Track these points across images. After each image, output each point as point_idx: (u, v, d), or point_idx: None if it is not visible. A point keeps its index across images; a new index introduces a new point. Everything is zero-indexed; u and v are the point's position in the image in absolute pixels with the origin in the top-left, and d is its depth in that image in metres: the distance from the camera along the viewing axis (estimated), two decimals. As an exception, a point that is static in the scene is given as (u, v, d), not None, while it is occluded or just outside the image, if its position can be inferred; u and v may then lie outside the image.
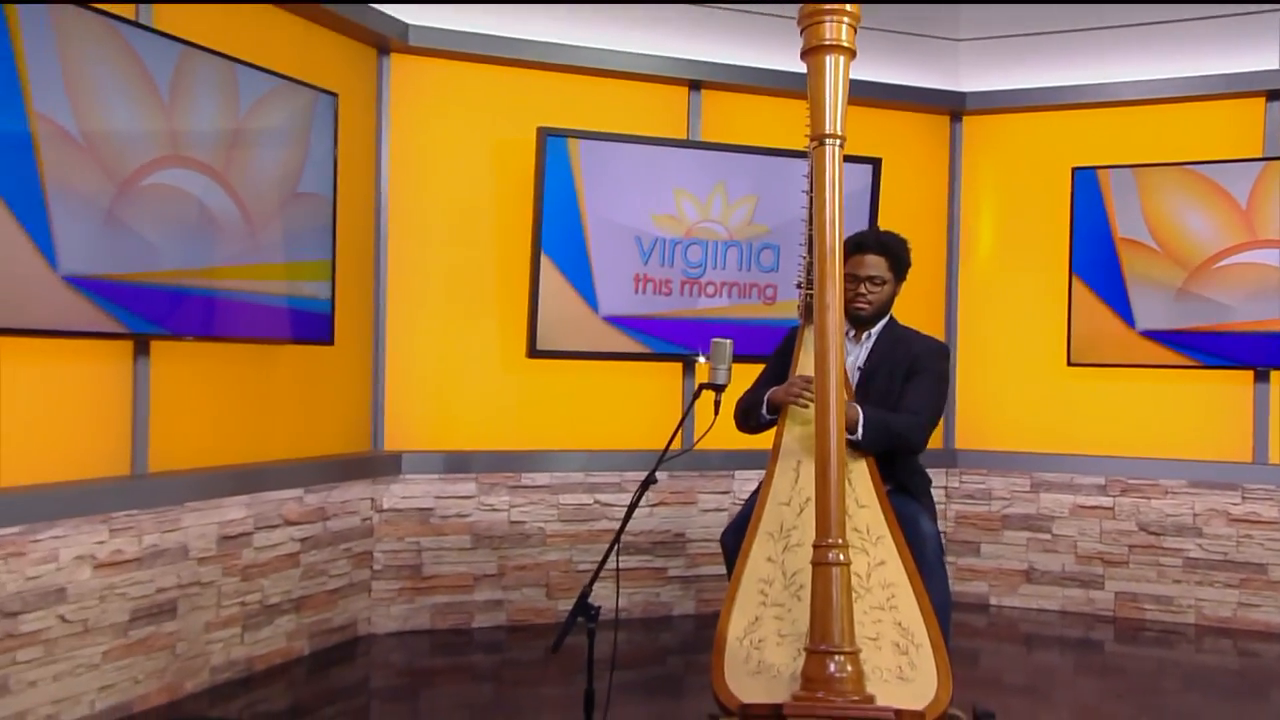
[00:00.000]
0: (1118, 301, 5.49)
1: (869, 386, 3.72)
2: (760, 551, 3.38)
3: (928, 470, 3.88)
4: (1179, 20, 5.49)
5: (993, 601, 5.77)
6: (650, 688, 4.36)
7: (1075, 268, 5.57)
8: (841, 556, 3.04)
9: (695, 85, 5.44)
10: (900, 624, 3.19)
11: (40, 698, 3.52)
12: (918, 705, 3.02)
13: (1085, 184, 5.53)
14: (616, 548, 3.34)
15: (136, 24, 3.76)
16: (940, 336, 5.90)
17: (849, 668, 3.00)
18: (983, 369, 5.94)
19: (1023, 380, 5.86)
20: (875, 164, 5.46)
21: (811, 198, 3.39)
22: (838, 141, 3.16)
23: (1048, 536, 5.68)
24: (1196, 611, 5.40)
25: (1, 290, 3.29)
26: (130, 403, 3.96)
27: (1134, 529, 5.51)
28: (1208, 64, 5.43)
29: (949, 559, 5.80)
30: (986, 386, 5.93)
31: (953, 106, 5.87)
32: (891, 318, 3.84)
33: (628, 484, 5.27)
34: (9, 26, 3.23)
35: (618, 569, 3.58)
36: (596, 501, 5.24)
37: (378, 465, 4.95)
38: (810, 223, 3.45)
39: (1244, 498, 5.34)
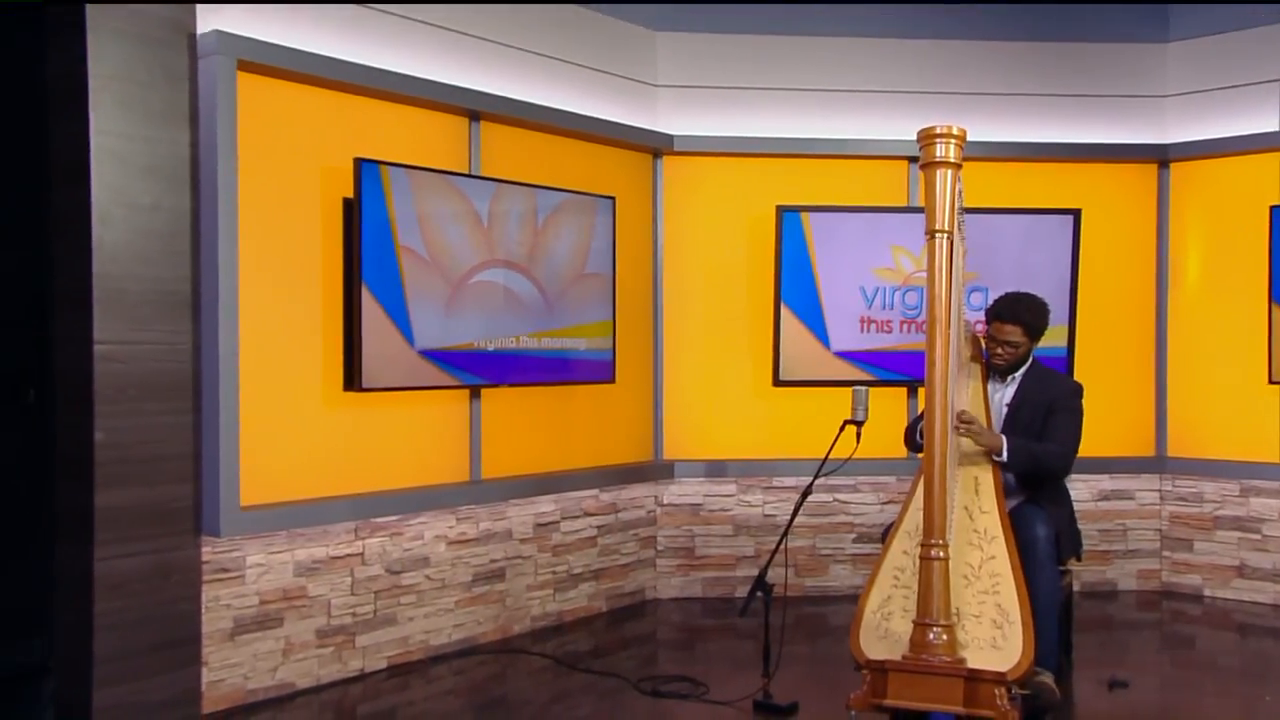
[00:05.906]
0: (1318, 324, 5.42)
1: (1016, 419, 4.18)
2: (898, 546, 3.91)
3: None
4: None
5: (1206, 593, 5.83)
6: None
7: (1276, 294, 5.54)
8: (941, 553, 3.56)
9: (914, 160, 5.75)
10: (1000, 605, 3.63)
11: (415, 629, 4.58)
12: (1003, 668, 3.49)
13: (1284, 219, 5.51)
14: (785, 543, 4.10)
15: (466, 175, 4.73)
16: (1150, 357, 6.09)
17: (944, 636, 3.51)
18: (1190, 385, 5.98)
19: (1227, 396, 5.85)
20: (1075, 215, 5.69)
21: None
22: (945, 235, 3.63)
23: (1258, 536, 5.67)
24: None
25: (380, 362, 4.30)
26: (468, 431, 4.85)
27: (1345, 533, 5.44)
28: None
29: (1165, 553, 6.00)
30: (1194, 401, 5.97)
31: (1159, 156, 5.94)
32: (1034, 361, 4.29)
33: (861, 485, 5.78)
34: (384, 190, 4.31)
35: (786, 558, 4.31)
36: (835, 499, 5.76)
37: (657, 471, 5.69)
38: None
39: None
